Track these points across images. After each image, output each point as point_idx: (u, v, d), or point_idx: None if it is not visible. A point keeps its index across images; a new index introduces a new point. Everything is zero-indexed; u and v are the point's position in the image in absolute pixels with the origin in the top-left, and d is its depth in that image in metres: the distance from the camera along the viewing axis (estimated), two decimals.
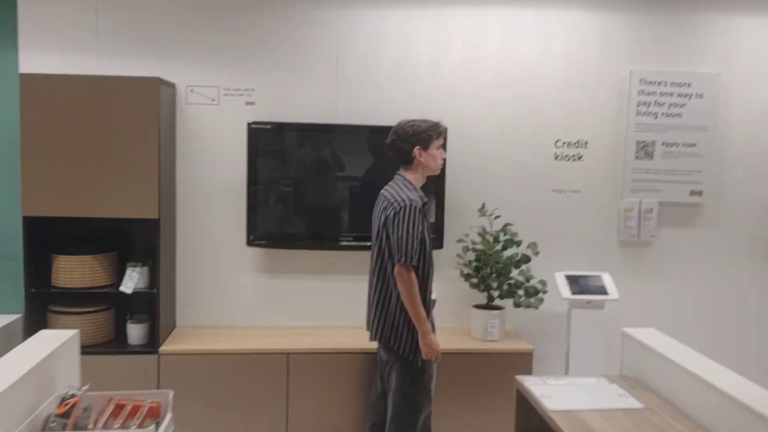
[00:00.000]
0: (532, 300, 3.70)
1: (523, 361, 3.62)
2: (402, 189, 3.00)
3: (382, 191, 3.09)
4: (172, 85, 3.71)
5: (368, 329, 3.10)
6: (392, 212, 2.94)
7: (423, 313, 2.93)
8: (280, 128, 3.75)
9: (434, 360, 3.00)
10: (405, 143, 3.03)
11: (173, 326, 3.84)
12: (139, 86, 3.34)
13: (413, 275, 2.92)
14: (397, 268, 2.92)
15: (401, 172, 3.10)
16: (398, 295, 2.96)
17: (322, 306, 3.93)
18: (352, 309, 3.80)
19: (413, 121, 3.08)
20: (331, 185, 3.83)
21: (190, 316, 3.87)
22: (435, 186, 3.76)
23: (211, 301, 3.88)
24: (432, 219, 3.77)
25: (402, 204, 2.93)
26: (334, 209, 3.84)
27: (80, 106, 3.32)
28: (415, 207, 2.93)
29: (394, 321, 2.99)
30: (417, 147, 3.03)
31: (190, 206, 3.81)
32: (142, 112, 3.35)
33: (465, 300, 3.93)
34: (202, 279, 3.86)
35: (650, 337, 2.91)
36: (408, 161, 3.06)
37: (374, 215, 3.11)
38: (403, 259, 2.89)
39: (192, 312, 3.87)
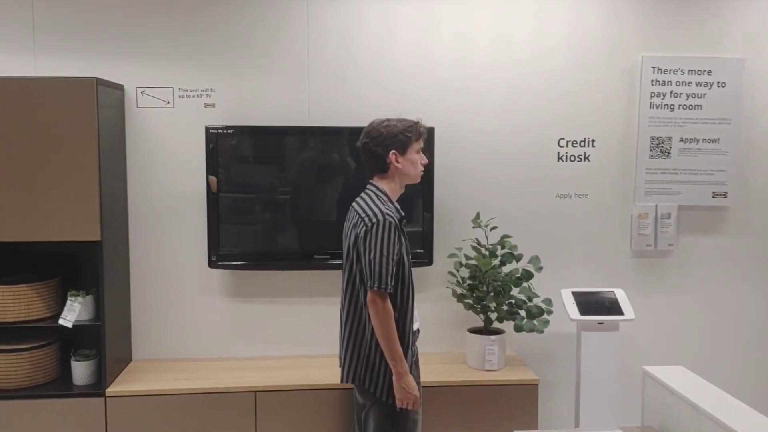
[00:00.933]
0: (535, 323, 3.23)
1: (527, 394, 3.15)
2: (374, 201, 2.54)
3: (353, 204, 2.63)
4: (119, 87, 3.25)
5: (340, 367, 2.64)
6: (363, 229, 2.49)
7: (399, 349, 2.47)
8: (244, 132, 3.29)
9: (410, 407, 2.53)
10: (379, 147, 2.58)
11: (129, 360, 3.39)
12: (74, 88, 2.89)
13: (388, 304, 2.46)
14: (369, 296, 2.47)
15: (375, 181, 2.64)
16: (372, 330, 2.50)
17: (296, 333, 3.47)
18: (328, 335, 3.32)
19: (388, 120, 2.62)
20: (304, 196, 3.36)
21: (148, 349, 3.42)
22: (423, 191, 3.30)
23: (171, 331, 3.42)
24: (420, 228, 3.31)
25: (374, 220, 2.48)
26: (307, 223, 3.38)
27: (6, 113, 2.86)
28: (390, 223, 2.47)
29: (369, 358, 2.53)
30: (392, 151, 2.58)
31: (144, 224, 3.36)
32: (79, 118, 2.89)
33: (459, 323, 3.47)
34: (160, 306, 3.40)
35: (678, 378, 2.42)
36: (383, 168, 2.61)
37: (344, 231, 2.65)
38: (376, 285, 2.43)
39: (150, 344, 3.42)
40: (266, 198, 3.33)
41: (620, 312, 3.27)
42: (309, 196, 3.36)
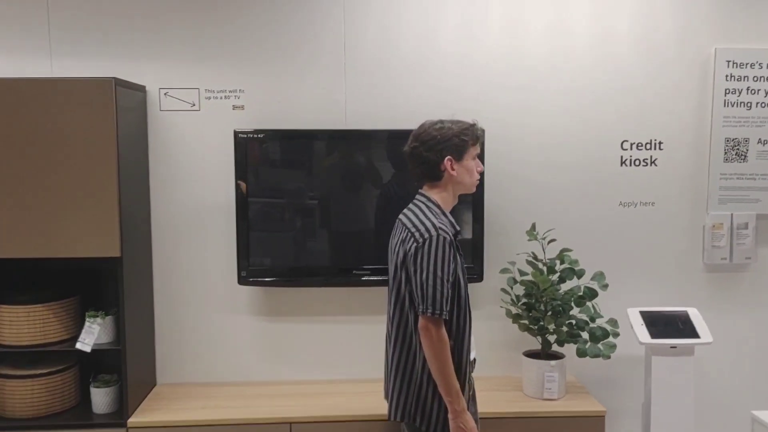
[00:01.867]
0: (600, 347, 2.89)
1: (593, 427, 2.82)
2: (425, 214, 2.23)
3: (401, 216, 2.32)
4: (141, 89, 3.00)
5: (386, 399, 2.33)
6: (413, 246, 2.18)
7: (455, 384, 2.16)
8: (275, 137, 3.01)
9: None
10: (431, 152, 2.26)
11: (153, 384, 3.12)
12: (91, 90, 2.63)
13: (443, 332, 2.15)
14: (421, 323, 2.16)
15: (425, 190, 2.33)
16: (424, 360, 2.19)
17: (333, 355, 3.17)
18: (369, 358, 3.04)
19: (441, 122, 2.31)
20: (342, 205, 3.07)
21: (174, 372, 3.15)
22: (472, 199, 2.99)
23: (198, 353, 3.15)
24: (469, 235, 2.99)
25: (425, 235, 2.17)
26: (347, 235, 3.08)
27: (18, 117, 2.62)
28: (444, 239, 2.16)
29: (420, 392, 2.23)
30: (447, 157, 2.26)
31: (169, 237, 3.10)
32: (96, 122, 2.64)
33: (513, 345, 3.15)
34: (186, 327, 3.14)
35: None
36: (435, 176, 2.29)
37: (390, 247, 2.35)
38: (430, 310, 2.12)
39: (175, 367, 3.15)
40: (300, 209, 3.05)
41: (695, 334, 2.93)
42: (346, 205, 3.07)
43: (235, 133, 2.95)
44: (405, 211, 2.32)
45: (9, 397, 2.77)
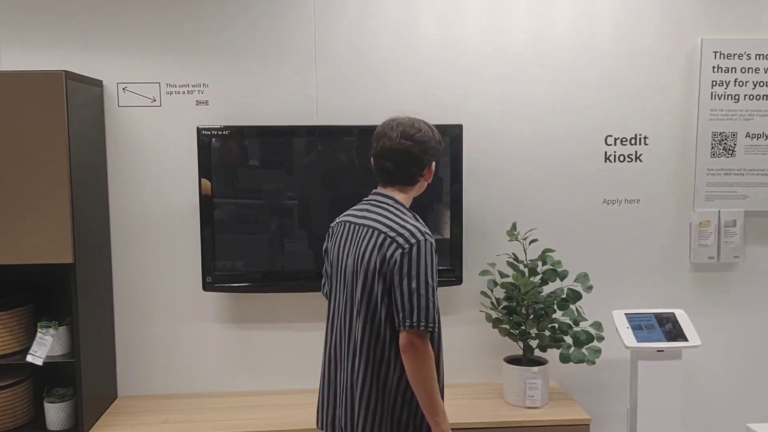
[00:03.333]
0: (585, 352, 2.76)
1: None
2: (400, 216, 2.03)
3: (361, 220, 2.08)
4: (97, 83, 2.81)
5: (333, 425, 2.10)
6: (397, 252, 1.94)
7: (441, 402, 1.98)
8: (242, 134, 2.84)
9: None
10: (425, 154, 2.07)
11: (114, 397, 2.95)
12: (39, 84, 2.44)
13: (429, 347, 1.95)
14: (406, 339, 1.92)
15: (387, 191, 2.10)
16: (399, 378, 2.01)
17: (305, 364, 2.99)
18: None
19: (418, 122, 2.10)
20: (313, 206, 2.91)
21: (136, 384, 2.98)
22: (450, 198, 2.85)
23: (162, 363, 2.98)
24: (447, 236, 2.86)
25: (412, 240, 1.95)
26: (316, 237, 2.92)
27: None
28: (431, 244, 1.97)
29: (394, 415, 2.02)
30: (433, 162, 2.11)
31: (130, 242, 2.92)
32: (45, 119, 2.45)
33: (493, 350, 3.01)
34: (148, 336, 2.96)
35: None
36: (412, 180, 2.09)
37: (350, 256, 2.05)
38: (423, 324, 1.90)
39: (138, 378, 2.98)
40: (269, 209, 2.88)
41: (683, 337, 2.80)
42: (318, 205, 2.91)
43: (199, 130, 2.79)
44: (361, 213, 2.09)
45: None
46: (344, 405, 2.05)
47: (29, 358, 2.56)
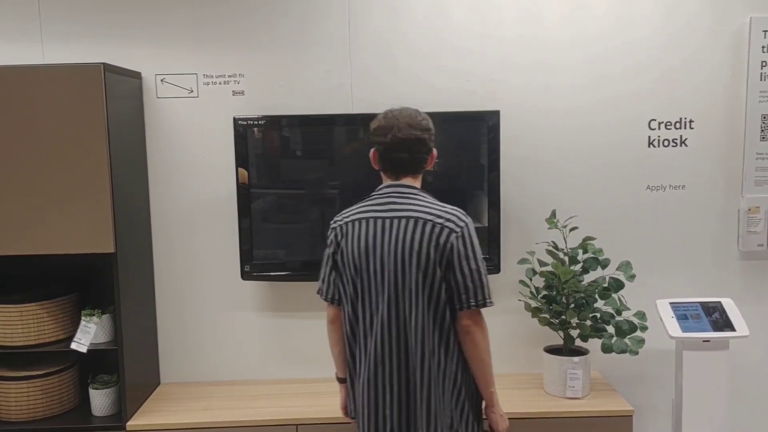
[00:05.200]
0: (628, 342, 2.69)
1: (620, 427, 2.63)
2: (433, 202, 2.09)
3: (394, 214, 2.07)
4: (135, 75, 2.85)
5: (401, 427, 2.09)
6: (452, 236, 2.01)
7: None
8: (278, 123, 2.84)
9: None
10: (431, 141, 2.14)
11: (157, 384, 3.00)
12: (79, 77, 2.48)
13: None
14: (471, 318, 2.04)
15: (405, 182, 2.12)
16: (456, 362, 2.07)
17: None
18: None
19: (417, 111, 2.16)
20: (350, 194, 2.89)
21: (178, 371, 3.03)
22: (487, 185, 2.81)
23: (203, 351, 3.02)
24: (485, 224, 2.82)
25: (461, 223, 2.04)
26: None
27: (4, 108, 2.48)
28: (472, 226, 2.08)
29: (452, 403, 2.08)
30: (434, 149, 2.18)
31: (171, 232, 2.96)
32: (85, 111, 2.49)
33: (533, 340, 2.97)
34: (190, 324, 3.01)
35: None
36: (422, 167, 2.15)
37: (390, 250, 2.05)
38: (489, 300, 2.05)
39: (179, 366, 3.03)
40: (306, 198, 2.88)
41: (731, 327, 2.71)
42: (356, 193, 2.89)
43: (235, 120, 2.80)
44: (386, 207, 2.08)
45: (4, 399, 2.66)
46: (397, 401, 2.06)
47: (74, 346, 2.62)
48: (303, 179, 2.87)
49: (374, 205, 2.10)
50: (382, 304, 2.06)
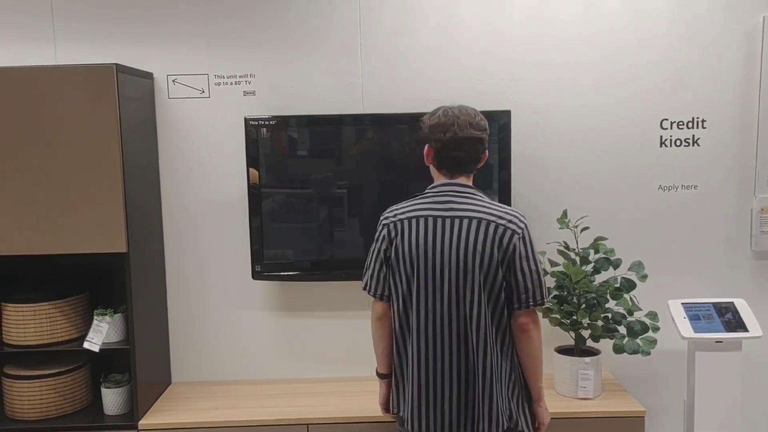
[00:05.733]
0: (639, 342, 2.68)
1: (632, 428, 2.61)
2: (493, 203, 2.13)
3: (454, 213, 2.07)
4: (147, 76, 2.86)
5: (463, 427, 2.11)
6: (514, 237, 2.05)
7: None
8: (289, 123, 2.85)
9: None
10: (487, 141, 2.16)
11: (168, 383, 3.02)
12: (91, 78, 2.50)
13: None
14: (528, 317, 2.10)
15: (459, 180, 2.13)
16: (510, 359, 2.12)
17: (353, 352, 3.02)
18: None
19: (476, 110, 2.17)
20: (361, 194, 2.90)
21: (189, 371, 3.04)
22: (498, 185, 2.80)
23: (214, 351, 3.03)
24: None
25: (521, 224, 2.08)
26: (364, 226, 2.91)
27: (18, 108, 2.50)
28: (529, 226, 2.13)
29: (509, 400, 2.12)
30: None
31: (182, 232, 2.97)
32: (98, 111, 2.50)
33: (544, 340, 2.86)
34: (201, 324, 3.02)
35: None
36: (476, 167, 2.16)
37: (451, 249, 2.05)
38: (547, 299, 2.12)
39: (190, 365, 3.04)
40: (317, 198, 2.89)
41: (743, 327, 2.69)
42: (367, 194, 2.90)
43: (246, 121, 2.81)
44: (444, 205, 2.07)
45: (17, 398, 2.68)
46: (456, 397, 2.08)
47: (86, 345, 2.64)
48: (314, 179, 2.87)
49: (432, 203, 2.10)
50: (441, 303, 2.06)
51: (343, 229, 2.91)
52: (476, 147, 2.10)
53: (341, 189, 2.89)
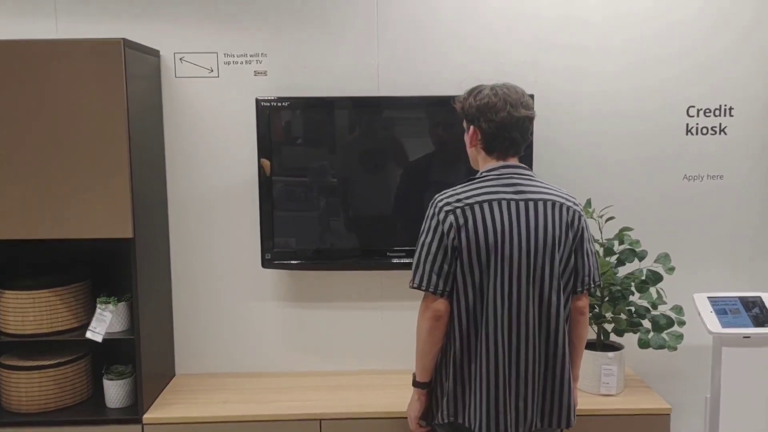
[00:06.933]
0: (665, 337, 2.58)
1: (656, 426, 2.53)
2: (550, 184, 2.03)
3: (526, 196, 1.93)
4: (154, 53, 2.73)
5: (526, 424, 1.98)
6: (582, 219, 2.00)
7: None
8: (302, 105, 2.73)
9: None
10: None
11: (172, 375, 2.90)
12: (97, 53, 2.36)
13: None
14: (587, 300, 2.08)
15: (513, 162, 2.01)
16: (564, 344, 1.99)
17: (366, 344, 2.92)
18: (405, 347, 2.75)
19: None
20: (375, 181, 2.79)
21: (194, 362, 2.92)
22: None
23: (220, 341, 2.91)
24: None
25: (580, 206, 2.04)
26: (379, 214, 2.80)
27: (19, 84, 2.36)
28: None
29: (569, 386, 2.02)
30: None
31: (188, 218, 2.84)
32: (104, 89, 2.37)
33: None
34: (206, 314, 2.90)
35: None
36: (523, 150, 2.05)
37: (530, 234, 1.91)
38: (601, 279, 2.19)
39: (196, 356, 2.92)
40: (330, 184, 2.77)
41: None
42: (382, 180, 2.78)
43: (257, 102, 2.68)
44: (512, 188, 1.93)
45: (14, 390, 2.55)
46: (540, 394, 1.98)
47: (89, 335, 2.51)
48: (326, 164, 2.75)
49: (498, 186, 1.94)
50: (520, 293, 1.91)
51: (355, 218, 2.79)
52: (528, 127, 2.00)
53: (353, 177, 2.76)
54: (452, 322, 1.95)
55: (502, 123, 1.94)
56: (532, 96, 2.61)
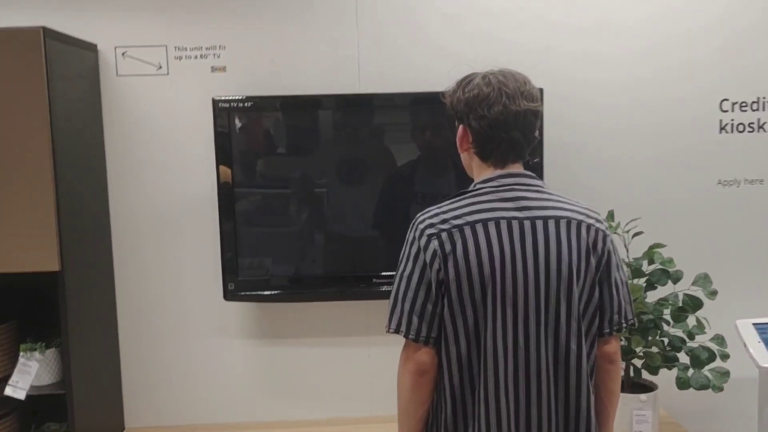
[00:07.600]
0: (708, 375, 2.17)
1: None
2: (567, 197, 1.57)
3: (534, 213, 1.50)
4: (90, 47, 2.29)
5: None
6: (608, 241, 1.56)
7: None
8: (268, 105, 2.30)
9: None
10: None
11: (120, 429, 2.45)
12: (12, 46, 1.92)
13: None
14: (617, 344, 1.62)
15: (517, 169, 1.56)
16: (589, 405, 1.54)
17: (348, 386, 2.50)
18: (391, 387, 2.33)
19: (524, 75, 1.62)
20: (356, 194, 2.36)
21: (147, 413, 2.48)
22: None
23: (177, 388, 2.48)
24: None
25: (605, 223, 1.59)
26: (360, 234, 2.37)
27: None
28: None
29: None
30: None
31: (134, 241, 2.40)
32: (19, 90, 1.93)
33: None
34: (160, 357, 2.46)
35: None
36: (529, 153, 1.60)
37: (540, 259, 1.48)
38: (634, 317, 1.64)
39: (149, 406, 2.48)
40: (302, 199, 2.34)
41: None
42: (365, 193, 2.36)
43: (215, 103, 2.26)
44: (514, 204, 1.49)
45: None
46: None
47: (8, 391, 2.07)
48: (299, 174, 2.33)
49: (496, 201, 1.50)
50: (528, 339, 1.48)
51: (331, 238, 2.36)
52: (533, 123, 1.54)
53: (332, 186, 2.34)
54: (442, 377, 1.51)
55: (497, 119, 1.50)
56: (541, 90, 2.23)
